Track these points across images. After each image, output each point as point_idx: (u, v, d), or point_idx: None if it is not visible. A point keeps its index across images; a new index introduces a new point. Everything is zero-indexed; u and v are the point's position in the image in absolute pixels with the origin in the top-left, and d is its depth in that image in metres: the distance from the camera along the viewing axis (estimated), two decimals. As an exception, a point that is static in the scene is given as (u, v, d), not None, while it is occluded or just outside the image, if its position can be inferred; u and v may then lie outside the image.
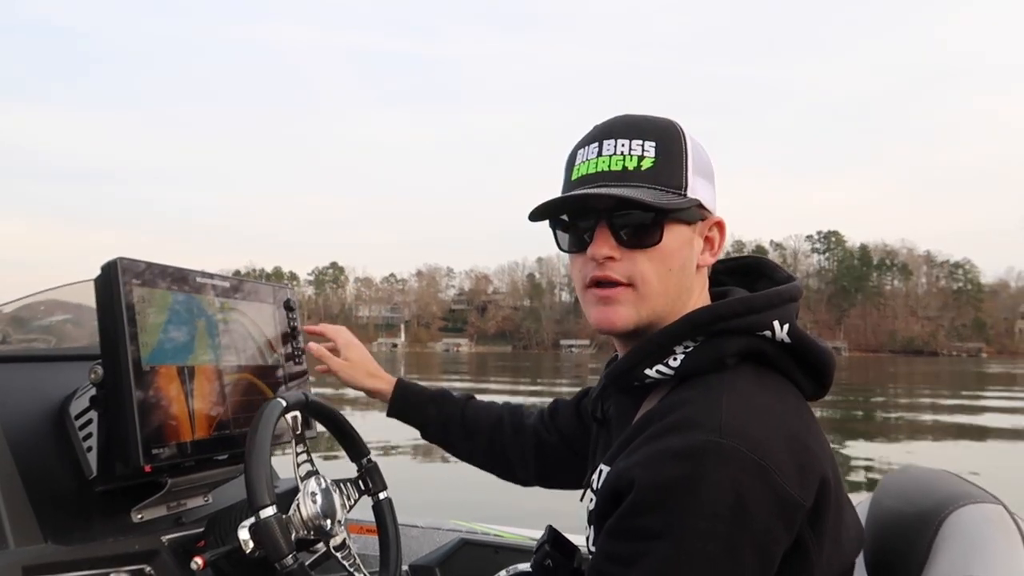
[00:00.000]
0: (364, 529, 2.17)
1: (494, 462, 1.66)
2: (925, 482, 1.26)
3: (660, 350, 1.09)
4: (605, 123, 1.15)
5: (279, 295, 1.79)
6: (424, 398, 1.68)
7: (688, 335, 1.08)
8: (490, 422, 1.65)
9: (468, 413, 1.67)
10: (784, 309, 1.09)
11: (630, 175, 1.09)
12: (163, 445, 1.40)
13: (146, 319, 1.42)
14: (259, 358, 1.69)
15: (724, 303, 1.09)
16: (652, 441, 0.99)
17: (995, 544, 1.06)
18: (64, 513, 1.40)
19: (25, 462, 1.39)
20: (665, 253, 1.10)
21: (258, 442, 1.33)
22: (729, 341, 1.06)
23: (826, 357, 1.11)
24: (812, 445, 1.00)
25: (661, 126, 1.13)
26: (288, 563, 1.26)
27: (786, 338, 1.07)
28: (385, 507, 1.61)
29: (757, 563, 0.93)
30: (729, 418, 0.96)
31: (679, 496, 0.93)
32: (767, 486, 0.93)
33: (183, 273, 1.53)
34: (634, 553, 0.95)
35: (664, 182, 1.09)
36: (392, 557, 1.57)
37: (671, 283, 1.11)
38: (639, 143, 1.10)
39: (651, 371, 1.09)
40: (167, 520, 1.56)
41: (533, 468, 1.62)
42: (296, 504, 1.39)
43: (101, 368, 1.39)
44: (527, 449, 1.61)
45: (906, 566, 1.14)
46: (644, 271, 1.10)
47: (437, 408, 1.67)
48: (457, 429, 1.66)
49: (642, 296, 1.10)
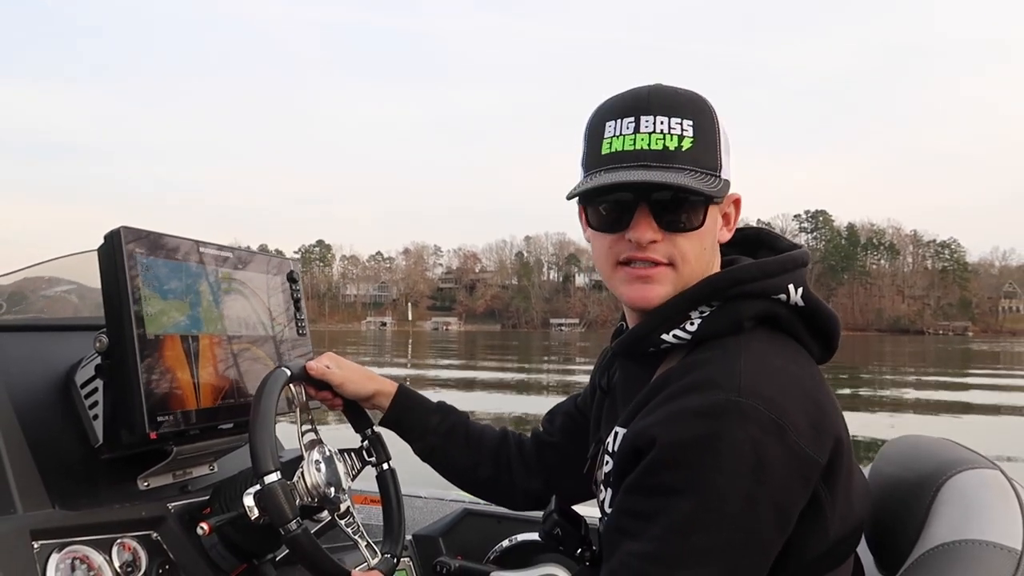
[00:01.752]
0: (368, 499, 2.18)
1: (499, 476, 1.56)
2: (924, 449, 1.28)
3: (678, 315, 1.11)
4: (637, 95, 1.12)
5: (282, 266, 1.79)
6: (427, 406, 1.58)
7: (707, 299, 1.10)
8: (495, 436, 1.59)
9: (472, 426, 1.59)
10: (797, 273, 1.11)
11: (671, 155, 1.08)
12: (168, 413, 1.41)
13: (150, 289, 1.42)
14: (263, 328, 1.69)
15: (741, 267, 1.11)
16: (672, 400, 1.01)
17: (992, 508, 1.08)
18: (71, 480, 1.41)
19: (32, 430, 1.40)
20: (703, 234, 1.12)
21: (262, 411, 1.34)
22: (746, 304, 1.08)
23: (834, 322, 1.14)
24: (826, 405, 1.03)
25: (696, 103, 1.12)
26: (292, 528, 1.27)
27: (800, 301, 1.10)
28: (389, 477, 1.62)
29: (774, 520, 0.96)
30: (747, 378, 0.99)
31: (699, 454, 0.95)
32: (784, 445, 0.95)
33: (187, 243, 1.54)
34: (654, 509, 0.98)
35: (703, 164, 1.09)
36: (396, 527, 1.58)
37: (704, 260, 1.14)
38: (678, 121, 1.09)
39: (668, 336, 1.11)
40: (173, 488, 1.57)
41: (540, 476, 1.55)
42: (300, 472, 1.40)
43: (106, 337, 1.40)
44: (531, 458, 1.57)
45: (905, 530, 1.16)
46: (684, 251, 1.11)
47: (440, 417, 1.56)
48: (460, 440, 1.55)
49: (680, 275, 1.12)
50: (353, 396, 1.53)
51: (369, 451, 1.60)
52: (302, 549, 1.29)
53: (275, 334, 1.73)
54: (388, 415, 1.55)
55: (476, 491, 1.62)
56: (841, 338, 1.16)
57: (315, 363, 1.50)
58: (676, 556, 0.95)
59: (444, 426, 1.55)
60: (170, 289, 1.47)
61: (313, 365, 1.49)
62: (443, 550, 2.15)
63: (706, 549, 0.95)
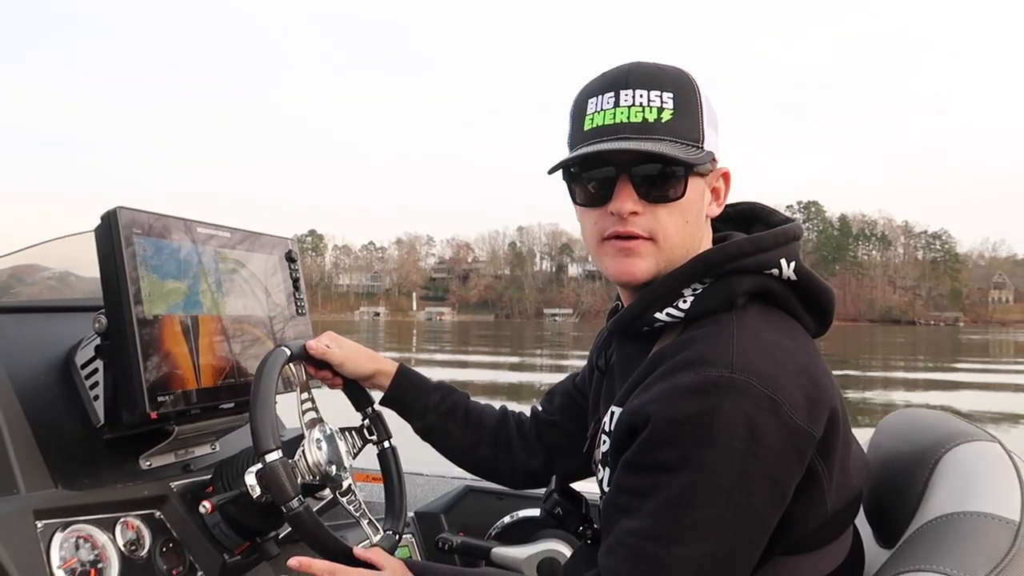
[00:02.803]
0: (370, 477, 2.19)
1: (498, 455, 1.56)
2: (923, 422, 1.29)
3: (670, 293, 1.11)
4: (618, 71, 1.14)
5: (281, 246, 1.79)
6: (428, 385, 1.57)
7: (699, 276, 1.10)
8: (495, 415, 1.60)
9: (471, 405, 1.59)
10: (790, 247, 1.11)
11: (651, 127, 1.09)
12: (168, 393, 1.41)
13: (148, 269, 1.42)
14: (262, 308, 1.69)
15: (733, 243, 1.11)
16: (666, 378, 1.01)
17: (991, 480, 1.09)
18: (73, 460, 1.41)
19: (33, 411, 1.40)
20: (685, 206, 1.11)
21: (262, 389, 1.35)
22: (739, 280, 1.08)
23: (828, 295, 1.14)
24: (820, 379, 1.03)
25: (677, 76, 1.12)
26: (294, 506, 1.28)
27: (792, 275, 1.10)
28: (390, 455, 1.62)
29: (770, 494, 0.97)
30: (740, 354, 0.99)
31: (694, 430, 0.96)
32: (778, 419, 0.96)
33: (184, 223, 1.54)
34: (650, 485, 0.98)
35: (684, 135, 1.09)
36: (397, 504, 1.59)
37: (687, 234, 1.13)
38: (657, 94, 1.10)
39: (661, 314, 1.11)
40: (175, 467, 1.58)
41: (540, 455, 1.55)
42: (302, 450, 1.40)
43: (105, 318, 1.40)
44: (531, 437, 1.57)
45: (903, 503, 1.17)
46: (665, 225, 1.11)
47: (441, 396, 1.56)
48: (460, 419, 1.55)
49: (662, 249, 1.12)
50: (353, 375, 1.53)
51: (370, 429, 1.61)
52: (304, 526, 1.30)
53: (274, 313, 1.73)
54: (388, 394, 1.55)
55: (475, 470, 1.61)
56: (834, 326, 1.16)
57: (315, 343, 1.50)
58: (672, 532, 0.96)
59: (444, 405, 1.55)
60: (168, 269, 1.47)
61: (313, 344, 1.49)
62: (445, 527, 2.16)
63: (702, 524, 0.96)
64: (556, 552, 1.94)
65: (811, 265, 1.13)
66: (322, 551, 1.34)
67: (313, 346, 1.49)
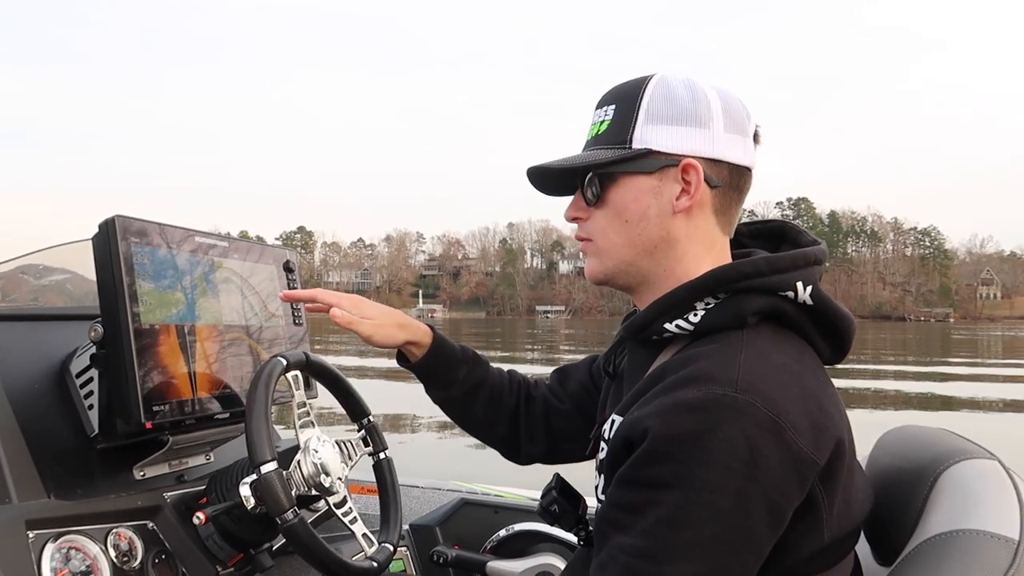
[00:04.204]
0: (365, 489, 2.18)
1: (509, 436, 1.54)
2: (922, 439, 1.27)
3: (682, 304, 1.10)
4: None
5: (279, 256, 1.79)
6: (457, 357, 1.51)
7: (711, 291, 1.09)
8: (514, 395, 1.55)
9: (495, 380, 1.55)
10: (808, 271, 1.09)
11: (592, 142, 1.19)
12: (164, 403, 1.40)
13: (145, 278, 1.41)
14: (259, 318, 1.69)
15: (748, 261, 1.09)
16: (667, 392, 1.00)
17: (989, 498, 1.08)
18: (66, 470, 1.40)
19: (27, 419, 1.39)
20: (616, 206, 1.15)
21: (258, 400, 1.34)
22: (751, 299, 1.07)
23: (847, 322, 1.12)
24: (828, 407, 1.01)
25: (627, 88, 1.16)
26: (288, 518, 1.27)
27: (808, 300, 1.08)
28: (385, 466, 1.62)
29: (767, 518, 0.95)
30: (745, 373, 0.97)
31: (691, 448, 0.94)
32: (780, 442, 0.94)
33: (182, 232, 1.53)
34: (644, 501, 0.97)
35: (608, 141, 1.15)
36: (392, 516, 1.59)
37: (632, 233, 1.15)
38: (603, 110, 1.18)
39: (670, 325, 1.10)
40: (169, 478, 1.57)
41: (544, 440, 1.54)
42: (297, 462, 1.40)
43: (101, 327, 1.39)
44: (537, 421, 1.55)
45: (902, 521, 1.16)
46: (601, 226, 1.18)
47: (468, 369, 1.51)
48: (483, 397, 1.52)
49: (600, 249, 1.19)
50: (382, 347, 1.47)
51: (366, 440, 1.60)
52: (299, 538, 1.29)
53: (271, 324, 1.72)
54: (418, 363, 1.49)
55: (486, 442, 1.59)
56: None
57: (340, 312, 1.43)
58: (664, 550, 0.94)
59: (469, 381, 1.51)
60: (166, 278, 1.46)
61: (338, 315, 1.43)
62: (440, 540, 2.15)
63: (695, 544, 0.94)
64: (552, 567, 1.93)
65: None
66: (317, 564, 1.34)
67: (339, 316, 1.42)
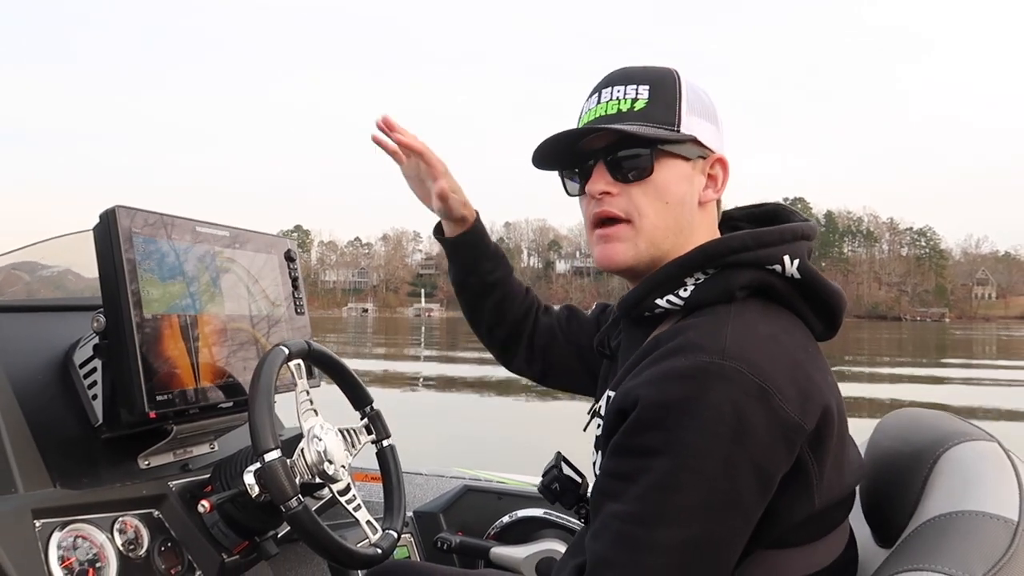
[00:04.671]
0: (369, 477, 2.19)
1: (507, 344, 1.61)
2: (922, 421, 1.28)
3: (671, 280, 1.12)
4: (608, 74, 1.21)
5: (280, 246, 1.79)
6: (489, 251, 1.59)
7: (700, 266, 1.11)
8: (522, 306, 1.62)
9: (510, 287, 1.61)
10: (796, 245, 1.11)
11: (623, 116, 1.14)
12: (167, 392, 1.41)
13: (147, 268, 1.42)
14: (261, 307, 1.69)
15: (735, 235, 1.11)
16: (657, 363, 1.01)
17: (989, 480, 1.08)
18: (71, 460, 1.41)
19: (31, 410, 1.40)
20: (659, 186, 1.14)
21: (261, 388, 1.35)
22: (739, 273, 1.09)
23: (836, 297, 1.13)
24: (815, 375, 1.02)
25: (656, 73, 1.18)
26: (293, 505, 1.28)
27: (796, 273, 1.09)
28: (389, 454, 1.63)
29: (755, 483, 0.96)
30: (732, 343, 0.99)
31: (679, 415, 0.95)
32: (767, 408, 0.95)
33: (183, 222, 1.53)
34: (635, 469, 0.98)
35: (655, 119, 1.13)
36: (396, 503, 1.59)
37: (669, 217, 1.14)
38: (633, 87, 1.16)
39: (661, 301, 1.12)
40: (173, 467, 1.58)
41: (540, 363, 1.59)
42: (300, 450, 1.41)
43: (103, 317, 1.40)
44: (538, 344, 1.60)
45: (902, 503, 1.17)
46: (640, 204, 1.14)
47: (492, 265, 1.59)
48: (496, 298, 1.59)
49: (639, 230, 1.14)
50: (446, 194, 1.53)
51: (369, 428, 1.61)
52: (303, 526, 1.30)
53: (273, 313, 1.73)
54: (455, 240, 1.58)
55: (484, 340, 1.64)
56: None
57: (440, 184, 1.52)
58: (655, 515, 0.95)
59: (491, 277, 1.58)
60: (167, 269, 1.47)
61: (443, 185, 1.51)
62: (444, 526, 2.17)
63: (684, 509, 0.95)
64: (555, 552, 1.95)
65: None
66: (321, 551, 1.35)
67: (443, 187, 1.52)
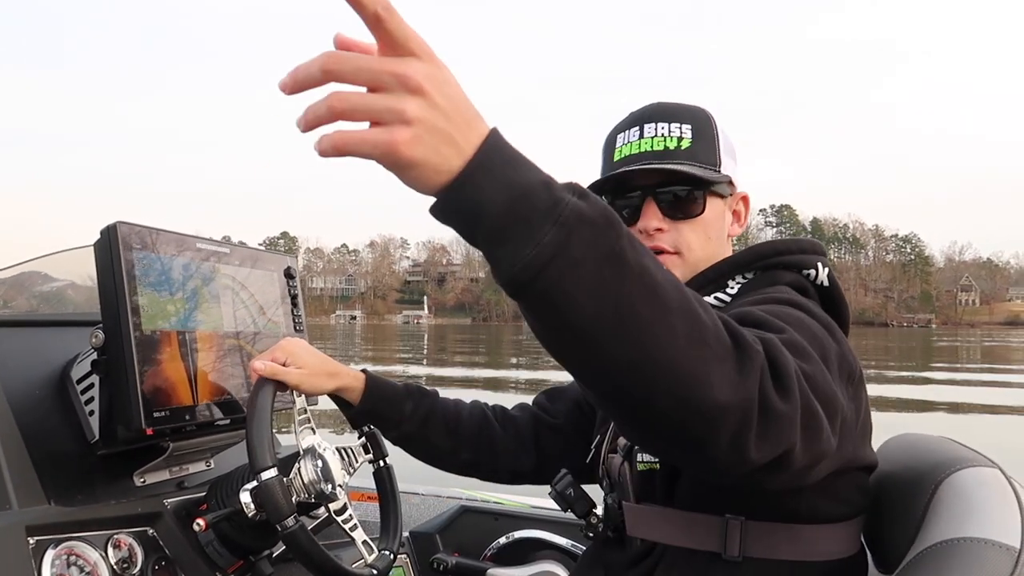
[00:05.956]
0: (365, 496, 2.18)
1: (480, 458, 1.55)
2: (922, 447, 1.29)
3: (720, 278, 1.21)
4: (643, 109, 1.29)
5: (279, 263, 1.79)
6: (400, 392, 1.52)
7: (747, 266, 1.20)
8: (475, 417, 1.56)
9: (448, 407, 1.56)
10: (822, 257, 1.21)
11: (671, 154, 1.22)
12: (164, 409, 1.40)
13: (147, 284, 1.41)
14: (260, 324, 1.69)
15: (779, 240, 1.22)
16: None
17: (990, 506, 1.08)
18: (67, 476, 1.40)
19: (27, 425, 1.38)
20: (706, 223, 1.23)
21: (259, 406, 1.34)
22: (782, 274, 1.18)
23: (847, 308, 1.21)
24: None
25: (695, 111, 1.27)
26: (289, 524, 1.27)
27: (826, 281, 1.19)
28: (386, 474, 1.62)
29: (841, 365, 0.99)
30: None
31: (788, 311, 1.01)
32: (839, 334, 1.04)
33: (183, 238, 1.53)
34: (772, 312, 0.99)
35: (701, 159, 1.22)
36: (392, 523, 1.58)
37: (710, 250, 1.24)
38: (677, 126, 1.23)
39: (709, 298, 1.18)
40: (169, 484, 1.57)
41: (534, 456, 1.55)
42: (297, 468, 1.40)
43: (102, 333, 1.39)
44: (526, 437, 1.56)
45: (903, 528, 1.17)
46: (689, 240, 1.22)
47: (414, 403, 1.51)
48: (438, 425, 1.52)
49: (687, 263, 1.22)
50: (312, 394, 1.45)
51: (366, 447, 1.60)
52: (299, 545, 1.29)
53: (272, 330, 1.72)
54: (359, 408, 1.49)
55: (458, 472, 1.60)
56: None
57: (260, 363, 1.37)
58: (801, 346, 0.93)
59: (419, 413, 1.51)
60: (167, 285, 1.46)
61: (259, 366, 1.37)
62: (440, 547, 2.16)
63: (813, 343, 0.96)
64: (552, 574, 1.94)
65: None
66: (317, 570, 1.34)
67: (260, 368, 1.36)
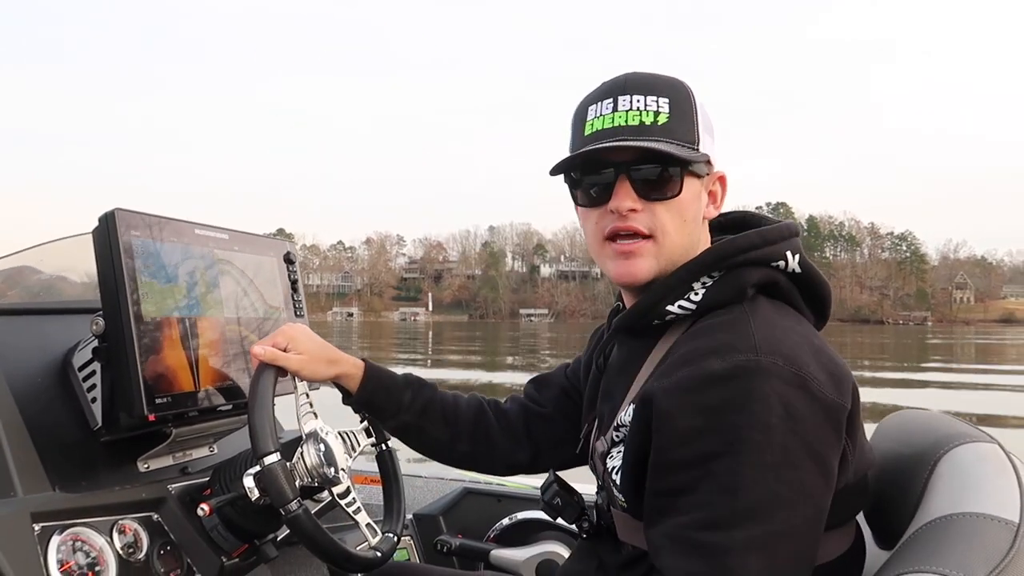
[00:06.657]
0: (369, 480, 2.19)
1: (477, 450, 1.53)
2: (921, 423, 1.30)
3: (681, 285, 1.14)
4: (616, 80, 1.19)
5: (279, 248, 1.80)
6: (398, 382, 1.50)
7: (710, 268, 1.13)
8: (472, 409, 1.55)
9: (446, 399, 1.54)
10: (793, 242, 1.16)
11: (647, 129, 1.13)
12: (166, 395, 1.41)
13: (146, 271, 1.42)
14: (260, 310, 1.69)
15: (742, 236, 1.15)
16: (687, 366, 1.03)
17: (989, 481, 1.09)
18: (71, 463, 1.41)
19: (30, 413, 1.39)
20: (682, 204, 1.15)
21: (260, 391, 1.34)
22: (749, 272, 1.12)
23: (826, 288, 1.18)
24: (835, 357, 1.06)
25: (672, 83, 1.18)
26: (292, 508, 1.27)
27: (797, 268, 1.14)
28: (388, 457, 1.62)
29: (816, 469, 0.98)
30: (761, 338, 1.01)
31: (732, 415, 0.97)
32: (809, 394, 0.98)
33: (182, 225, 1.53)
34: (693, 479, 0.99)
35: (679, 137, 1.14)
36: (396, 506, 1.59)
37: (686, 233, 1.16)
38: (654, 99, 1.15)
39: (673, 307, 1.14)
40: (173, 470, 1.58)
41: (527, 448, 1.54)
42: (300, 452, 1.40)
43: (102, 320, 1.39)
44: (518, 429, 1.55)
45: (902, 505, 1.17)
46: (664, 223, 1.15)
47: (413, 393, 1.50)
48: (436, 416, 1.50)
49: (661, 247, 1.15)
50: (312, 381, 1.43)
51: (368, 431, 1.60)
52: (303, 529, 1.30)
53: (272, 315, 1.73)
54: (358, 397, 1.48)
55: (455, 464, 1.59)
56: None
57: (260, 348, 1.38)
58: (729, 517, 0.96)
59: (418, 403, 1.50)
60: (166, 271, 1.46)
61: (259, 351, 1.37)
62: (443, 529, 2.17)
63: (757, 504, 0.95)
64: (555, 554, 1.96)
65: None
66: (321, 554, 1.34)
67: (260, 353, 1.37)
